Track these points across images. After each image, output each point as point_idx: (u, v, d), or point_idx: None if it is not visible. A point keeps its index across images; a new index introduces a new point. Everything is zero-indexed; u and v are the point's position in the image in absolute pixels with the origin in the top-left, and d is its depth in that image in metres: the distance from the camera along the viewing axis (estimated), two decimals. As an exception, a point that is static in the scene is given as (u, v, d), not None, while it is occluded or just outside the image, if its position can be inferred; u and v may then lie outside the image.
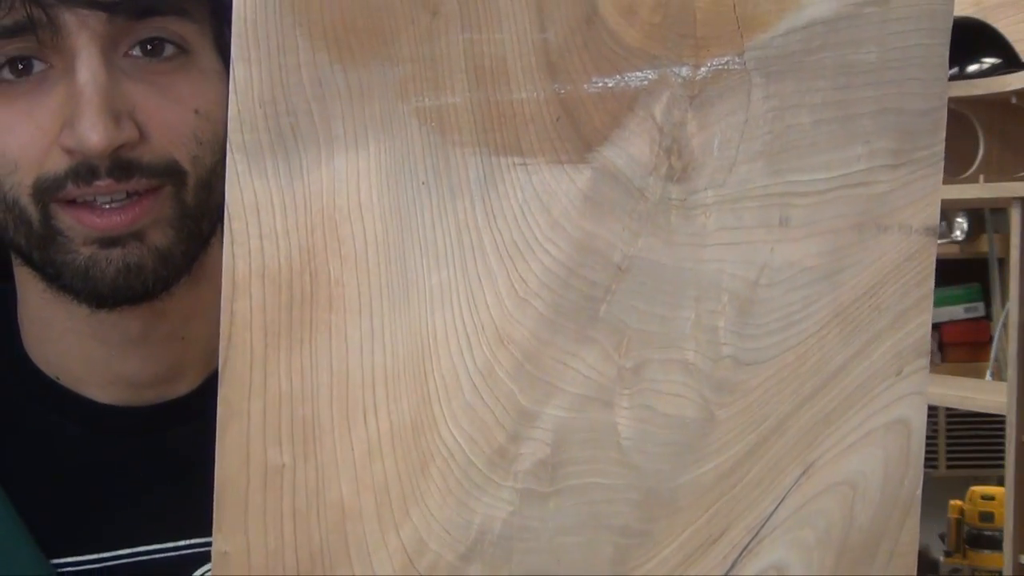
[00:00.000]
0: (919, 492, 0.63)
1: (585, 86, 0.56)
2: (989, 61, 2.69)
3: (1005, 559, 2.15)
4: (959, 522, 2.55)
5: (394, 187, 0.55)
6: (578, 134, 0.56)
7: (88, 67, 0.69)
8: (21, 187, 0.70)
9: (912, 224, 0.61)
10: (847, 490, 0.62)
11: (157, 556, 0.76)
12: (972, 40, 2.48)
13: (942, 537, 2.61)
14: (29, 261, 0.74)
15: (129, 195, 0.70)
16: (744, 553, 0.61)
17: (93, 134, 0.68)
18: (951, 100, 2.58)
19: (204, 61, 0.73)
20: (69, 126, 0.69)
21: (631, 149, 0.57)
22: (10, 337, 0.78)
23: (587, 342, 0.58)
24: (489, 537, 0.59)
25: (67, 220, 0.70)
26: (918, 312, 0.61)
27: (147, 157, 0.70)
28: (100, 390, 0.78)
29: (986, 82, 2.25)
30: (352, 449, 0.57)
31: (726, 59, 0.58)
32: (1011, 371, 2.14)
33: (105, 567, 0.75)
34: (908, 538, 0.62)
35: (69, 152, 0.69)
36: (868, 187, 0.59)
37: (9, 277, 0.79)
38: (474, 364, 0.58)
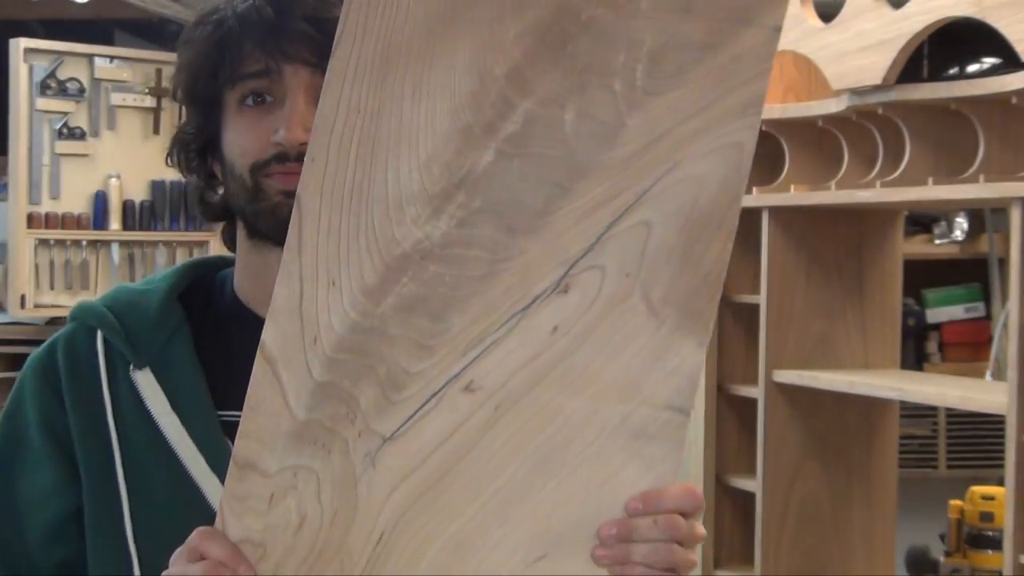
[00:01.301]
0: (743, 191, 1.01)
1: None
2: (989, 61, 2.69)
3: (1005, 559, 2.15)
4: (959, 522, 2.55)
5: None
6: None
7: (294, 100, 1.18)
8: (245, 167, 1.19)
9: (767, 23, 0.97)
10: (698, 182, 0.99)
11: None
12: (972, 40, 2.48)
13: (942, 537, 2.61)
14: (243, 214, 1.22)
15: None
16: (628, 210, 0.99)
17: (291, 134, 1.16)
18: (951, 100, 2.58)
19: None
20: (276, 131, 1.17)
21: None
22: (230, 282, 1.29)
23: (558, 65, 0.97)
24: (472, 175, 0.99)
25: (267, 183, 1.18)
26: (761, 77, 0.98)
27: None
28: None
29: (986, 82, 2.25)
30: (402, 117, 0.99)
31: None
32: (1011, 371, 2.14)
33: None
34: (731, 220, 1.00)
35: (275, 145, 1.17)
36: None
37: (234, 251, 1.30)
38: (487, 68, 0.98)
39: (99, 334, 1.23)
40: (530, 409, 1.02)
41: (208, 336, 1.25)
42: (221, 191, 1.25)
